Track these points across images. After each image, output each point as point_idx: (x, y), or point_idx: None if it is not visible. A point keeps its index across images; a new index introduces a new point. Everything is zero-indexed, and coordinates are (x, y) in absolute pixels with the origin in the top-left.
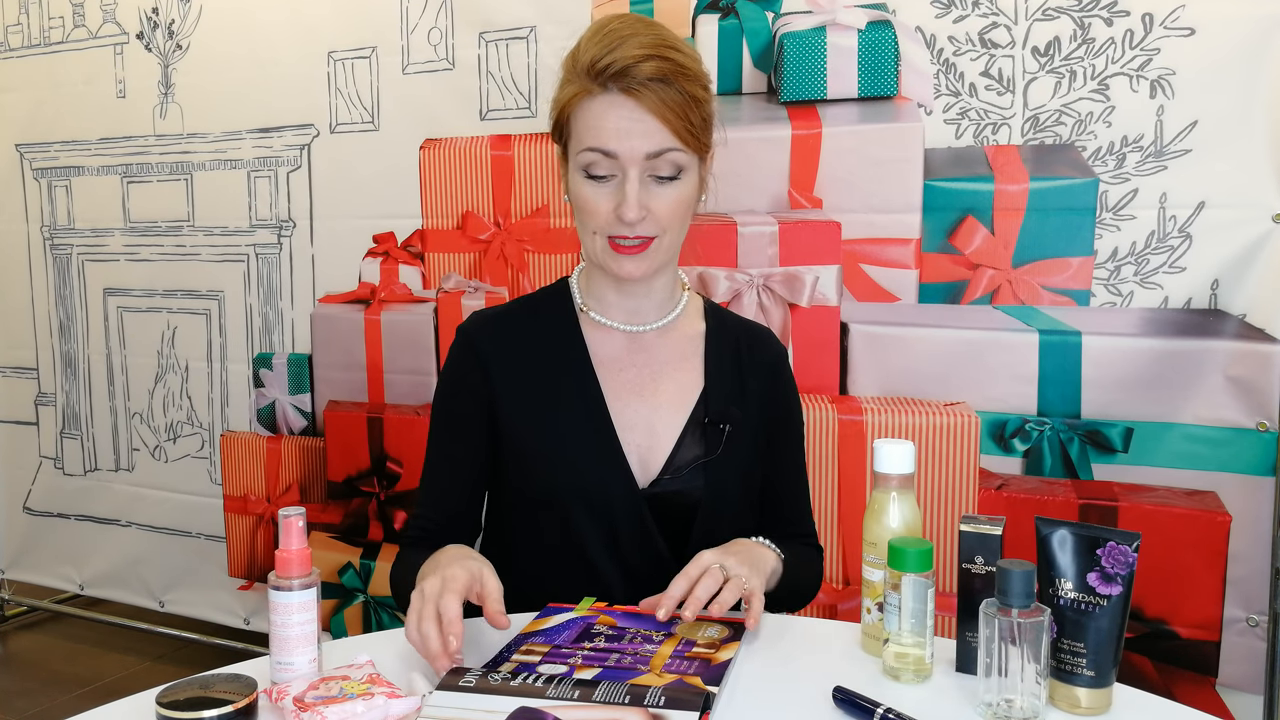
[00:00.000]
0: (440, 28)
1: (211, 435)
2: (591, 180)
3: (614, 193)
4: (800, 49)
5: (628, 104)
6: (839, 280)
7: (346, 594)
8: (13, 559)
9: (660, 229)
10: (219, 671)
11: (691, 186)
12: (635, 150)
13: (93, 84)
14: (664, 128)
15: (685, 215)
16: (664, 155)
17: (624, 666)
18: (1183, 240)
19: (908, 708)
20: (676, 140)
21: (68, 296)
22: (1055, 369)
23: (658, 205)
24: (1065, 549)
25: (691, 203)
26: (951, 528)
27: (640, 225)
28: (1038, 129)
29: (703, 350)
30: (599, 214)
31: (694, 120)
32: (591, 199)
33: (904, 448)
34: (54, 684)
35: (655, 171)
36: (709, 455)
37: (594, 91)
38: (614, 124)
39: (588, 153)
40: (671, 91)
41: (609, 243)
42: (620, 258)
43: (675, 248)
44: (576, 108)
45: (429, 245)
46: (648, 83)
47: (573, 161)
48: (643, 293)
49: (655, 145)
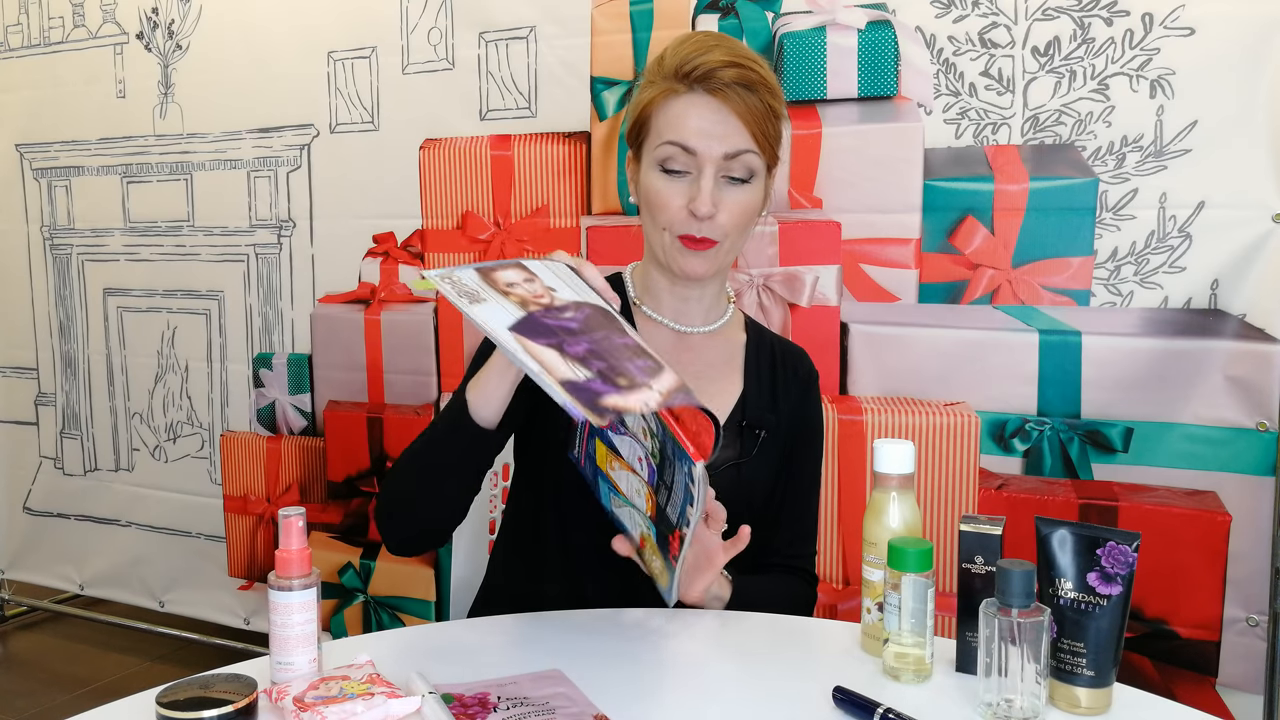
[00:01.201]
0: (440, 28)
1: (211, 435)
2: (666, 175)
3: (687, 189)
4: (800, 49)
5: (711, 103)
6: (839, 280)
7: (346, 594)
8: (13, 559)
9: (724, 233)
10: (219, 671)
11: (759, 194)
12: (714, 149)
13: (93, 84)
14: (744, 130)
15: (750, 221)
16: (740, 157)
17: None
18: (1183, 240)
19: (908, 708)
20: (753, 144)
21: (68, 296)
22: (1055, 369)
23: (727, 207)
24: (1065, 549)
25: (756, 210)
26: (951, 528)
27: (707, 226)
28: (1038, 129)
29: (743, 358)
30: (670, 209)
31: (770, 131)
32: (664, 193)
33: (904, 448)
34: (54, 684)
35: (729, 173)
36: (742, 458)
37: (679, 91)
38: (696, 122)
39: (666, 146)
40: (754, 99)
41: (678, 239)
42: (687, 253)
43: (735, 253)
44: (658, 106)
45: (429, 245)
46: (733, 85)
47: (648, 157)
48: (696, 296)
49: (734, 146)
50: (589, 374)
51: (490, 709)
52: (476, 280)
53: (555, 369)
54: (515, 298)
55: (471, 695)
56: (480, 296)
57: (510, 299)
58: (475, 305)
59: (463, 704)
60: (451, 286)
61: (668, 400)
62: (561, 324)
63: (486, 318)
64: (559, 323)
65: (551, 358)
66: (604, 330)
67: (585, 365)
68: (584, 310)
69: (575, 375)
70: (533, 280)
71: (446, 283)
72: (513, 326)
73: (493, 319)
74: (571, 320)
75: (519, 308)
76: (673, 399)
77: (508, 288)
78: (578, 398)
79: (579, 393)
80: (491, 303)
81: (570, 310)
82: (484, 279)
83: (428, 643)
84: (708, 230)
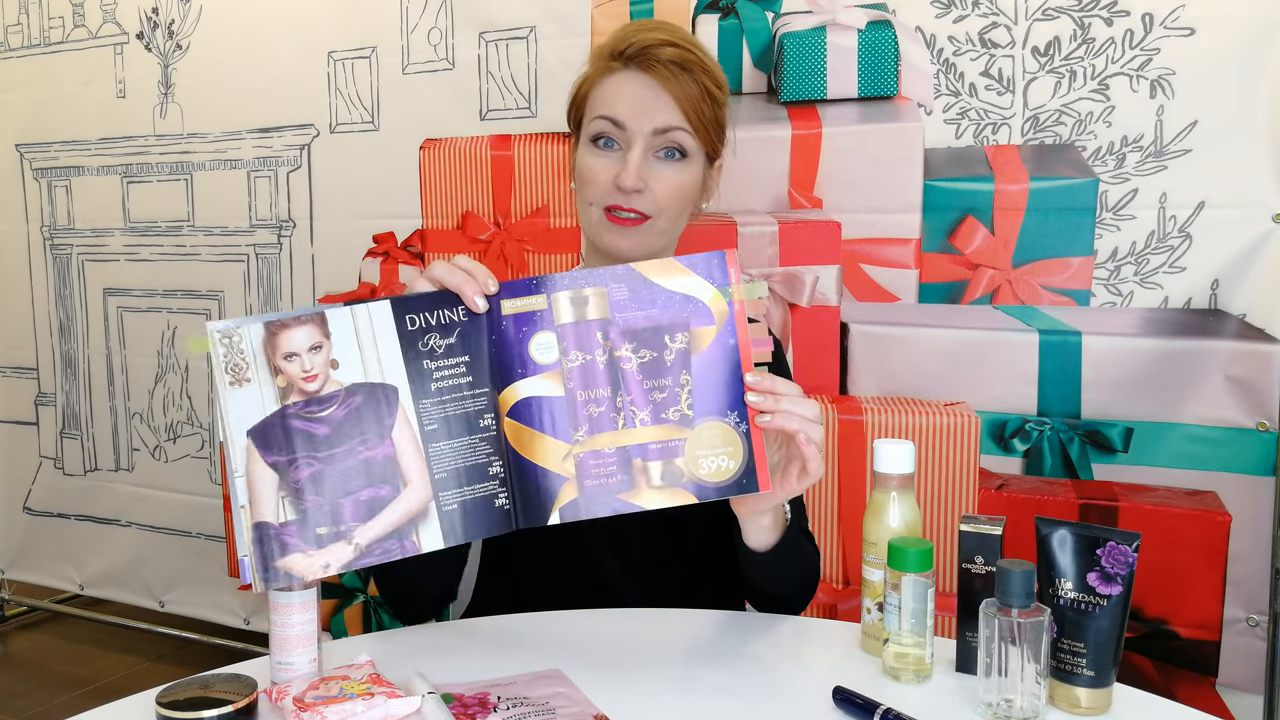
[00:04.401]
0: (440, 28)
1: (211, 435)
2: (596, 149)
3: (616, 163)
4: (800, 49)
5: (644, 79)
6: (839, 280)
7: (346, 594)
8: (13, 559)
9: (656, 209)
10: (219, 671)
11: (693, 175)
12: (643, 124)
13: (93, 84)
14: (675, 106)
15: (683, 203)
16: (670, 133)
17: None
18: (1183, 240)
19: (908, 708)
20: (684, 122)
21: (68, 296)
22: (1055, 369)
23: (657, 183)
24: (1065, 549)
25: (691, 192)
26: (951, 528)
27: (637, 199)
28: (1038, 129)
29: None
30: (598, 183)
31: (705, 113)
32: (593, 168)
33: (904, 448)
34: (54, 684)
35: (659, 148)
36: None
37: (614, 69)
38: (627, 97)
39: (598, 121)
40: (688, 78)
41: (604, 214)
42: (614, 229)
43: (670, 235)
44: (594, 84)
45: (429, 245)
46: (668, 64)
47: (583, 136)
48: None
49: (663, 122)
50: (290, 516)
51: (490, 709)
52: (258, 344)
53: (260, 505)
54: (283, 378)
55: (471, 695)
56: (246, 374)
57: (278, 379)
58: (233, 388)
59: (463, 704)
60: (225, 352)
61: (364, 554)
62: (308, 427)
63: (236, 412)
64: (306, 425)
65: (266, 485)
66: (357, 438)
67: (297, 500)
68: (351, 402)
69: (274, 516)
70: (319, 348)
71: (224, 344)
72: (252, 429)
73: (241, 414)
74: (323, 422)
75: (277, 397)
76: (374, 550)
77: (285, 360)
78: (258, 551)
79: (262, 544)
80: (254, 385)
81: (332, 405)
82: (267, 343)
83: (428, 643)
84: (637, 202)
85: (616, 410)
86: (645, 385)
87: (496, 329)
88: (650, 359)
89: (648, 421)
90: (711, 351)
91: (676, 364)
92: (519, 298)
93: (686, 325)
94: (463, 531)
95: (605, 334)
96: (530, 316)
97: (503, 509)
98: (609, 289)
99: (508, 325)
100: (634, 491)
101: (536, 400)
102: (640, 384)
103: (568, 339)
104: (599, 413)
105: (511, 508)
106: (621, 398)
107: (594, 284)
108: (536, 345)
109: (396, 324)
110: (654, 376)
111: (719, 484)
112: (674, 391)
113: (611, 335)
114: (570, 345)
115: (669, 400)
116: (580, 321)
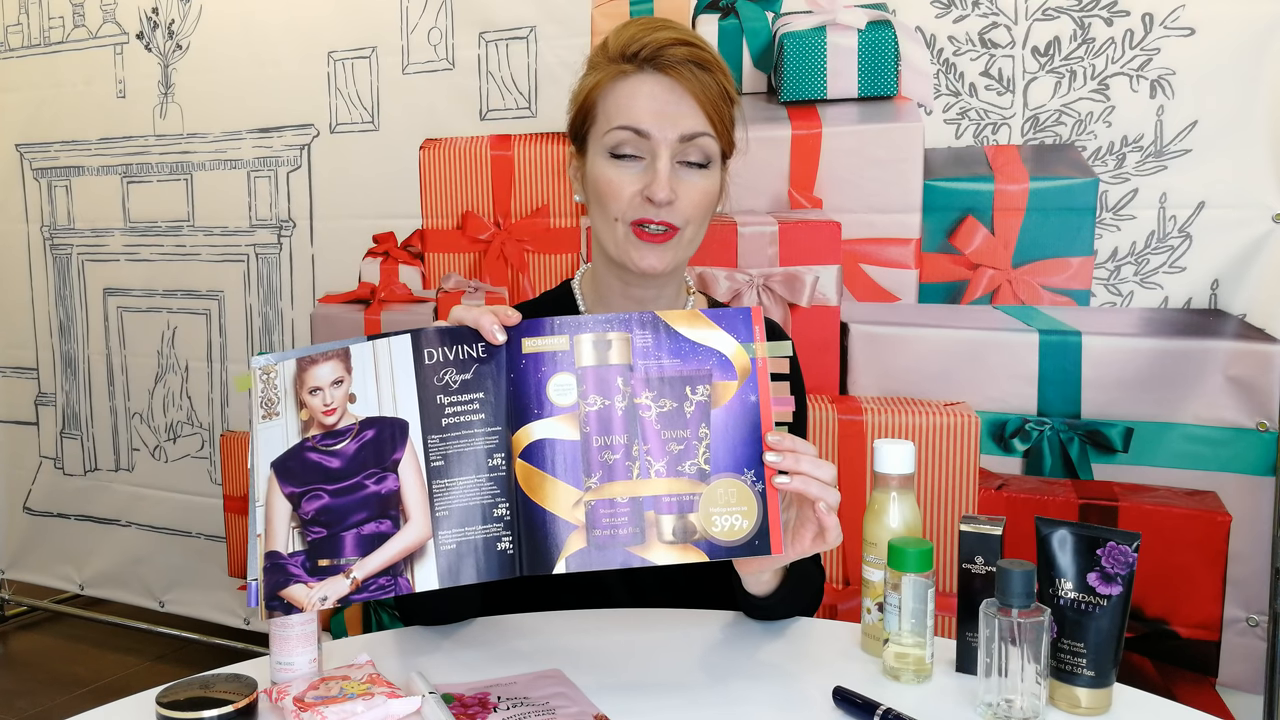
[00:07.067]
0: (440, 28)
1: (211, 435)
2: (616, 161)
3: (641, 175)
4: (800, 49)
5: (664, 81)
6: (839, 280)
7: None
8: (13, 559)
9: (684, 219)
10: (219, 671)
11: (717, 181)
12: (669, 131)
13: (93, 84)
14: (699, 111)
15: (708, 211)
16: (697, 140)
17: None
18: (1183, 240)
19: (908, 708)
20: (709, 127)
21: (68, 296)
22: (1055, 369)
23: (685, 192)
24: (1065, 549)
25: (715, 199)
26: (951, 528)
27: (667, 211)
28: (1038, 129)
29: None
30: (622, 197)
31: (725, 114)
32: (616, 181)
33: (904, 448)
34: (54, 684)
35: (685, 157)
36: None
37: (627, 72)
38: (647, 103)
39: (617, 131)
40: (708, 78)
41: (632, 229)
42: (644, 247)
43: (694, 246)
44: (604, 90)
45: (429, 245)
46: (686, 63)
47: (596, 146)
48: (652, 296)
49: (690, 128)
50: (298, 547)
51: (490, 709)
52: (290, 379)
53: (273, 534)
54: (306, 411)
55: (471, 695)
56: (276, 408)
57: (301, 413)
58: (264, 422)
59: (463, 704)
60: (263, 388)
61: (360, 589)
62: (321, 460)
63: (266, 446)
64: (320, 457)
65: (281, 516)
66: (365, 471)
67: (305, 531)
68: (364, 436)
69: (284, 546)
70: (341, 382)
71: (262, 380)
72: (275, 461)
73: (268, 447)
74: (337, 455)
75: (300, 430)
76: (369, 586)
77: (310, 394)
78: (267, 580)
79: (272, 573)
80: (280, 419)
81: (346, 439)
82: (296, 378)
83: (428, 643)
84: (667, 215)
85: (632, 459)
86: (663, 435)
87: (515, 367)
88: (670, 409)
89: (663, 473)
90: (732, 406)
91: (696, 416)
92: (540, 337)
93: (709, 378)
94: (461, 573)
95: (626, 380)
96: (551, 357)
97: (505, 553)
98: (633, 335)
99: (527, 365)
100: (644, 545)
101: (550, 443)
102: (658, 434)
103: (587, 382)
104: (614, 460)
105: (516, 553)
106: (638, 446)
107: (618, 329)
108: (555, 386)
109: (414, 358)
110: (673, 427)
111: (731, 543)
112: (692, 444)
113: (633, 382)
114: (590, 389)
115: (686, 453)
116: (601, 365)
